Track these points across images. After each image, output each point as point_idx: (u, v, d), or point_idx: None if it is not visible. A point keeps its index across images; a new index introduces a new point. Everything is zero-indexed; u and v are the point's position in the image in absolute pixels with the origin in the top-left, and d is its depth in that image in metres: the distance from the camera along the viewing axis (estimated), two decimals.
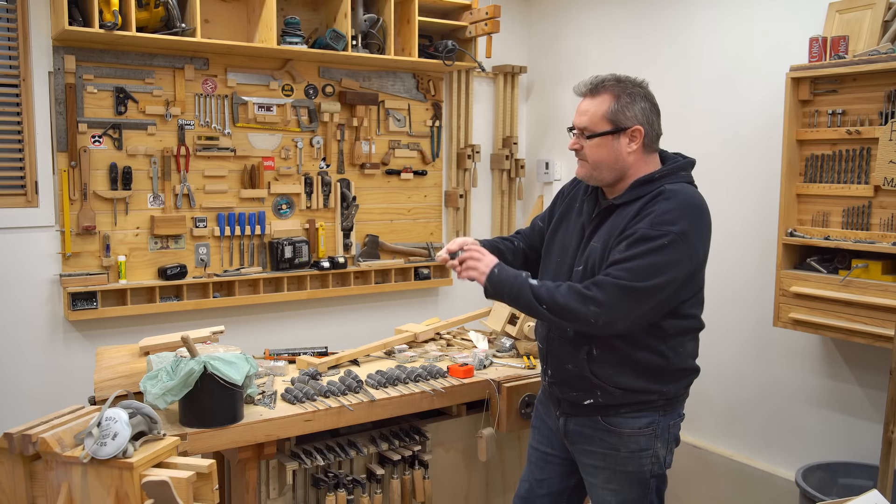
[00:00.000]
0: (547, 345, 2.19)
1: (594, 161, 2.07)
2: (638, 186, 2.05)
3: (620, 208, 2.06)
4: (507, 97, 4.33)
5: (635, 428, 2.08)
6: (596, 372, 2.06)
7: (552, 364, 2.17)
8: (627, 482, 2.11)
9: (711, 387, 3.49)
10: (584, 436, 2.14)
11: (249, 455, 2.41)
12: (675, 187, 2.01)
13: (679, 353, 2.08)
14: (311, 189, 3.75)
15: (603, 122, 2.05)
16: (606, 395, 2.07)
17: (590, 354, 2.06)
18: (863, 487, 2.61)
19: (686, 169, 2.12)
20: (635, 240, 1.94)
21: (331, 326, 3.90)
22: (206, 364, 2.19)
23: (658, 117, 2.11)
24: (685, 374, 2.13)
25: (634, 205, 2.02)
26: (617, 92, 2.05)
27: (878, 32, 2.69)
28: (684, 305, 2.06)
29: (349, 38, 3.52)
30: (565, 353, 2.11)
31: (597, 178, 2.10)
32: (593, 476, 2.16)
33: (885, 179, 2.57)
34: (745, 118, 3.28)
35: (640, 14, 3.74)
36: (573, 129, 2.12)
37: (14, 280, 3.13)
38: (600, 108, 2.05)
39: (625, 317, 1.94)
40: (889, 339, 2.49)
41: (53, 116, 3.14)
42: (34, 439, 1.78)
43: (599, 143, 2.05)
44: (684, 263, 1.95)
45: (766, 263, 3.18)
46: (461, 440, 2.90)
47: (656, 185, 2.03)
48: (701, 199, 2.04)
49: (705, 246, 2.03)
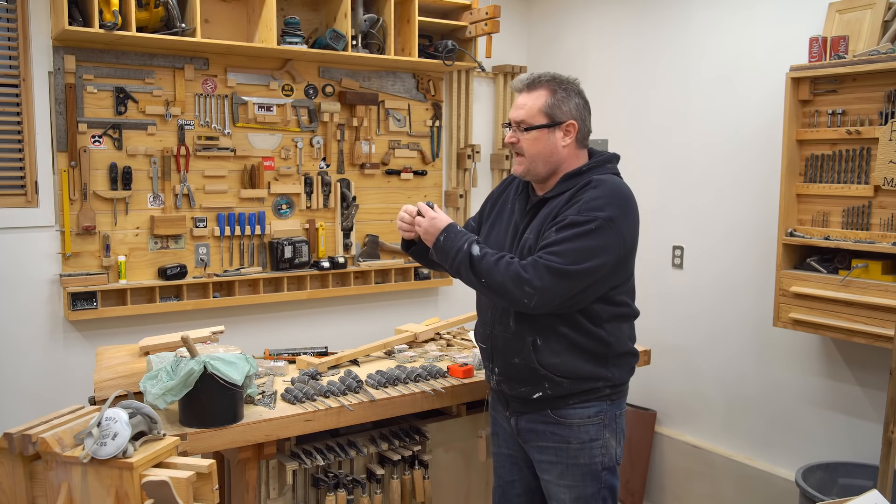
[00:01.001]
0: (491, 343, 2.24)
1: (531, 154, 2.13)
2: (567, 180, 2.13)
3: (551, 200, 2.13)
4: (507, 97, 4.32)
5: (584, 417, 2.14)
6: (542, 362, 2.11)
7: (499, 361, 2.21)
8: (580, 476, 2.16)
9: (711, 387, 3.49)
10: (536, 432, 2.19)
11: (249, 455, 2.41)
12: (602, 177, 2.09)
13: (618, 336, 2.14)
14: (311, 189, 3.75)
15: (539, 116, 2.12)
16: (554, 385, 2.11)
17: (535, 345, 2.11)
18: (863, 487, 2.61)
19: (612, 162, 2.19)
20: (565, 225, 2.01)
21: (331, 326, 3.90)
22: (206, 364, 2.19)
23: (589, 115, 2.19)
24: (627, 358, 2.19)
25: (564, 195, 2.10)
26: (553, 87, 2.12)
27: (878, 32, 2.69)
28: (615, 292, 2.12)
29: (349, 38, 3.52)
30: (511, 348, 2.16)
31: (533, 171, 2.16)
32: (548, 473, 2.21)
33: (885, 179, 2.57)
34: (744, 118, 3.28)
35: (640, 14, 3.74)
36: (509, 124, 2.18)
37: (14, 280, 3.13)
38: (537, 102, 2.12)
39: (557, 298, 2.00)
40: (889, 339, 2.49)
41: (53, 116, 3.14)
42: (34, 439, 1.78)
43: (536, 137, 2.12)
44: (612, 248, 2.02)
45: (765, 263, 3.18)
46: (461, 440, 2.89)
47: (584, 177, 2.11)
48: (627, 190, 2.11)
49: (633, 234, 2.10)
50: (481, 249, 2.07)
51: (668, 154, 3.60)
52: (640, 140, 3.72)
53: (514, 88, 2.20)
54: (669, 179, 3.63)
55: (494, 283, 2.02)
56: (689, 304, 3.55)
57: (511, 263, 2.01)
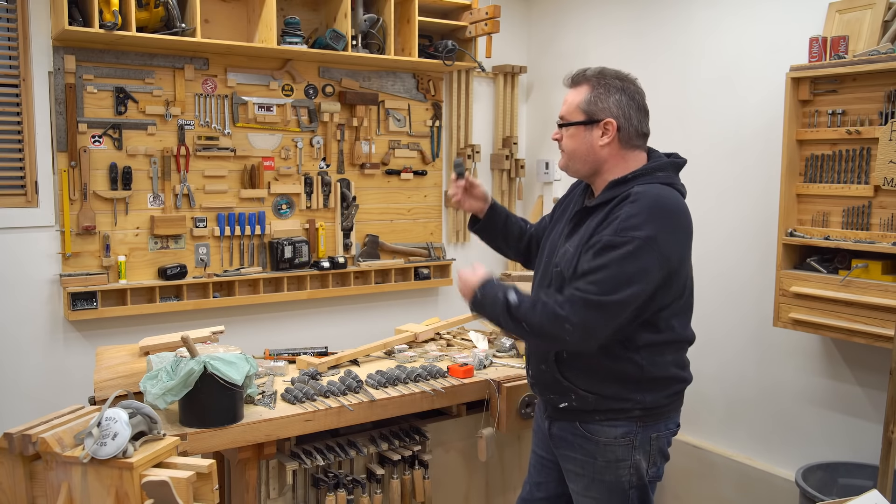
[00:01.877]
0: (526, 345, 2.24)
1: (569, 151, 2.07)
2: (611, 188, 2.00)
3: (595, 211, 2.02)
4: (507, 97, 4.33)
5: (611, 437, 2.03)
6: (566, 375, 2.05)
7: (532, 365, 2.18)
8: (606, 491, 2.07)
9: (711, 387, 3.49)
10: (566, 441, 2.12)
11: (249, 455, 2.41)
12: (643, 189, 1.93)
13: (656, 362, 2.00)
14: (311, 189, 3.75)
15: (577, 112, 2.04)
16: (580, 399, 2.04)
17: (559, 356, 2.06)
18: (863, 487, 2.61)
19: (664, 169, 2.02)
20: (600, 248, 1.89)
21: (331, 326, 3.90)
22: (206, 364, 2.19)
23: (639, 113, 2.03)
24: (666, 384, 2.04)
25: (605, 208, 1.97)
26: (594, 83, 2.03)
27: (878, 32, 2.69)
28: (662, 315, 1.98)
29: (349, 38, 3.52)
30: (539, 354, 2.12)
31: (572, 169, 2.09)
32: (574, 482, 2.14)
33: (885, 179, 2.57)
34: (745, 118, 3.28)
35: (640, 14, 3.74)
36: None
37: (14, 280, 3.13)
38: (577, 98, 2.04)
39: (599, 330, 1.88)
40: (889, 339, 2.49)
41: (53, 116, 3.14)
42: (34, 439, 1.78)
43: (573, 134, 2.05)
44: (654, 270, 1.87)
45: (766, 263, 3.18)
46: (461, 440, 2.90)
47: (628, 186, 1.97)
48: (672, 201, 1.94)
49: (680, 250, 1.94)
50: (518, 297, 1.96)
51: None
52: None
53: (563, 83, 2.12)
54: None
55: (534, 327, 1.93)
56: None
57: (546, 304, 1.91)
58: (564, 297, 1.90)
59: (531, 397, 2.74)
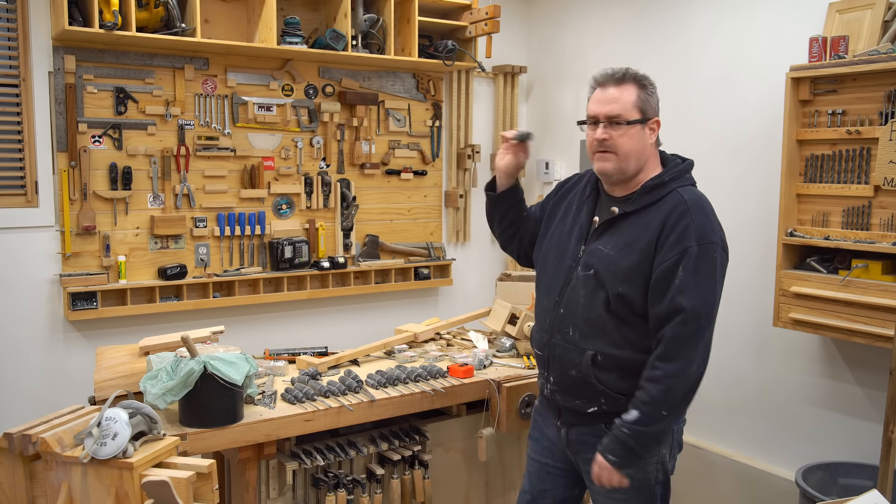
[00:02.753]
0: (549, 351, 2.13)
1: (625, 151, 2.01)
2: (648, 192, 2.03)
3: (633, 216, 2.02)
4: (507, 97, 4.33)
5: None
6: (601, 378, 2.02)
7: (555, 370, 2.12)
8: (633, 490, 2.05)
9: (711, 387, 3.49)
10: (588, 444, 2.09)
11: (249, 455, 2.41)
12: (692, 196, 2.02)
13: None
14: (311, 189, 3.75)
15: (634, 111, 2.02)
16: (611, 402, 2.03)
17: (594, 359, 2.02)
18: (863, 487, 2.61)
19: (689, 171, 2.11)
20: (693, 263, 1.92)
21: (331, 326, 3.90)
22: (206, 364, 2.19)
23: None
24: None
25: (650, 213, 2.00)
26: (640, 82, 2.05)
27: (878, 32, 2.69)
28: None
29: (349, 38, 3.52)
30: (569, 359, 2.07)
31: (623, 170, 2.03)
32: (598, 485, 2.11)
33: (885, 179, 2.57)
34: (745, 118, 3.28)
35: (641, 14, 3.74)
36: (595, 120, 2.05)
37: (14, 280, 3.13)
38: (630, 96, 2.02)
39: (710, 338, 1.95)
40: (889, 339, 2.49)
41: (53, 116, 3.14)
42: (34, 439, 1.78)
43: (630, 133, 2.01)
44: (725, 268, 2.02)
45: (766, 263, 3.18)
46: (461, 440, 2.89)
47: (666, 188, 2.02)
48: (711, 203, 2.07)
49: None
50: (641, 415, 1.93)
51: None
52: None
53: (598, 81, 2.07)
54: None
55: (687, 395, 1.95)
56: None
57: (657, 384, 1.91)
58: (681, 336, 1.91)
59: (531, 397, 2.74)
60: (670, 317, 1.92)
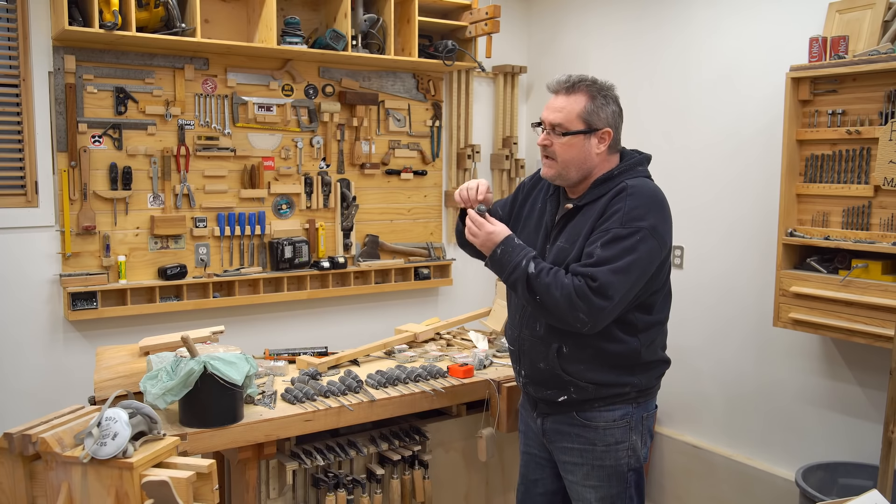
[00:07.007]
0: (519, 345, 2.22)
1: (564, 160, 2.09)
2: (599, 185, 2.09)
3: (585, 208, 2.10)
4: (506, 97, 4.33)
5: (609, 420, 2.12)
6: (567, 369, 2.10)
7: (525, 364, 2.20)
8: (606, 477, 2.15)
9: (711, 387, 3.49)
10: (562, 433, 2.18)
11: (249, 455, 2.41)
12: (637, 183, 2.06)
13: (649, 346, 2.12)
14: (311, 189, 3.75)
15: (577, 121, 2.07)
16: (579, 390, 2.10)
17: (560, 352, 2.10)
18: (863, 487, 2.61)
19: (643, 164, 2.16)
20: (609, 240, 1.97)
21: (331, 326, 3.90)
22: (206, 364, 2.19)
23: (622, 122, 2.15)
24: (655, 366, 2.18)
25: (598, 203, 2.06)
26: (592, 93, 2.08)
27: (878, 32, 2.69)
28: (654, 297, 2.11)
29: (349, 38, 3.52)
30: (537, 352, 2.14)
31: (564, 177, 2.12)
32: (572, 473, 2.20)
33: (885, 179, 2.57)
34: (744, 118, 3.28)
35: (641, 14, 3.74)
36: (541, 125, 2.13)
37: (14, 280, 3.13)
38: (575, 106, 2.06)
39: (607, 317, 1.98)
40: (889, 339, 2.49)
41: (53, 116, 3.14)
42: (34, 439, 1.78)
43: (571, 143, 2.07)
44: (656, 256, 2.02)
45: (766, 263, 3.18)
46: (461, 440, 2.90)
47: (616, 181, 2.08)
48: (661, 193, 2.09)
49: (671, 237, 2.09)
50: (537, 266, 2.00)
51: (668, 154, 3.60)
52: (639, 140, 3.72)
53: (550, 89, 2.14)
54: (669, 179, 3.62)
55: (548, 305, 1.97)
56: (689, 303, 3.55)
57: (565, 287, 1.95)
58: (579, 286, 1.94)
59: None
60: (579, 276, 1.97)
